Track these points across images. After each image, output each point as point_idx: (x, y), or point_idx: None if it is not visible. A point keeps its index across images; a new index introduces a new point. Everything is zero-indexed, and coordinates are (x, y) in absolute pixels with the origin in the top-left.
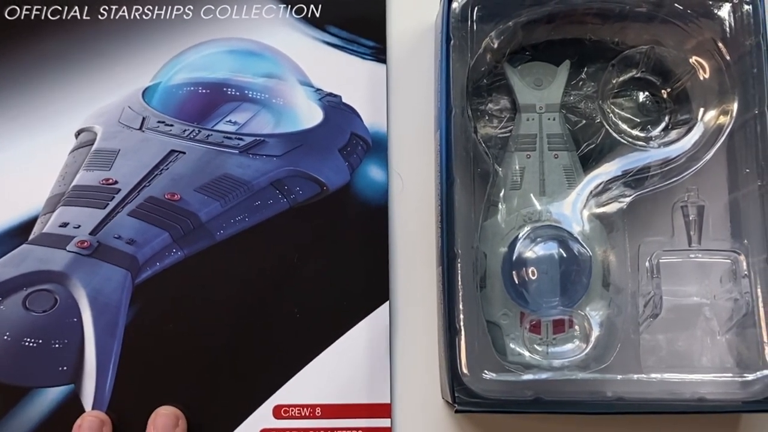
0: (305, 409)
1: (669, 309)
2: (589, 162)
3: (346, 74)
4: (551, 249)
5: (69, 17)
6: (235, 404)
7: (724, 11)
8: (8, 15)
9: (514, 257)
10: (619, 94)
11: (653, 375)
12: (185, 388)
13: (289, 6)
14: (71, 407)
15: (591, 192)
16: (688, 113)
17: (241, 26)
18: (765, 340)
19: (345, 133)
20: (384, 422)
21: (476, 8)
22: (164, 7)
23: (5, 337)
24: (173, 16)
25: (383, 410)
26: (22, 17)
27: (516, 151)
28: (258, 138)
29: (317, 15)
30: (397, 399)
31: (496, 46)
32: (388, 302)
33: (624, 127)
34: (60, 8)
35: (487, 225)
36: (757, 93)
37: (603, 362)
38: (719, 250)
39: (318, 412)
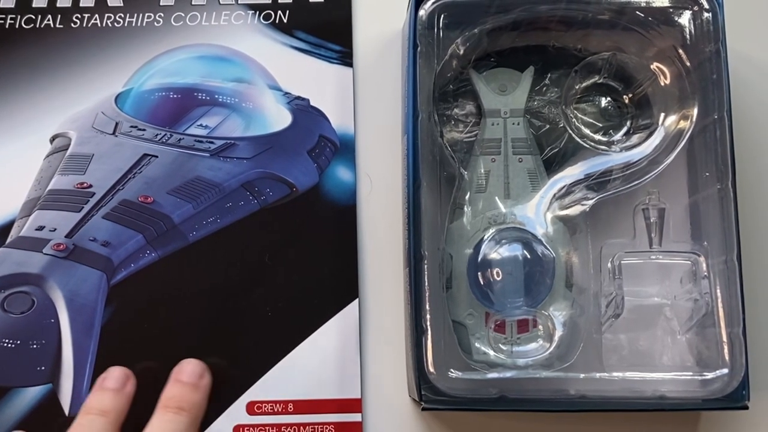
0: (278, 405)
1: (630, 309)
2: (552, 166)
3: (313, 78)
4: (515, 250)
5: (42, 26)
6: (210, 401)
7: (685, 19)
8: None
9: (480, 259)
10: (581, 100)
11: (615, 373)
12: (160, 386)
13: (258, 12)
14: (49, 406)
15: (554, 195)
16: (649, 118)
17: (211, 32)
18: (724, 339)
19: (313, 135)
20: (355, 417)
21: (442, 15)
22: (135, 15)
23: None
24: (144, 24)
25: (354, 405)
26: None
27: (481, 155)
28: (228, 141)
29: (285, 20)
30: (367, 395)
31: (461, 52)
32: (357, 300)
33: (587, 131)
34: (33, 17)
35: (453, 227)
36: (717, 98)
37: (566, 361)
38: (680, 251)
39: (290, 408)
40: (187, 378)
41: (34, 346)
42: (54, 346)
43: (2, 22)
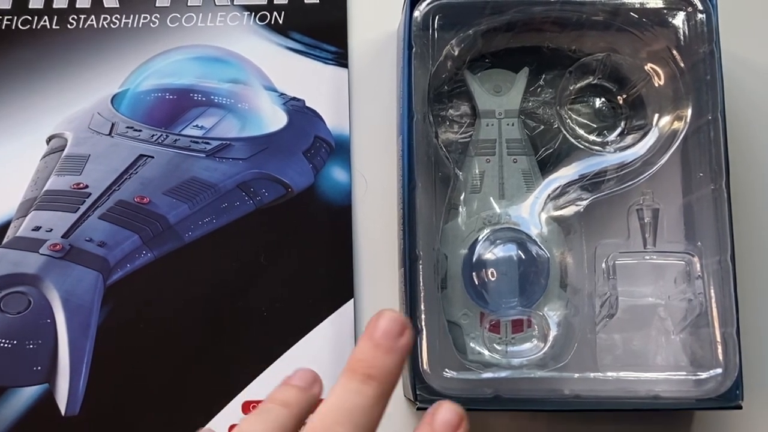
0: None
1: (625, 309)
2: (547, 166)
3: (309, 79)
4: (510, 251)
5: (39, 27)
6: (205, 400)
7: (679, 20)
8: None
9: (474, 259)
10: (576, 101)
11: (609, 373)
12: (156, 386)
13: (253, 13)
14: (46, 406)
15: (549, 195)
16: (643, 119)
17: (207, 33)
18: (718, 339)
19: (309, 136)
20: None
21: (437, 17)
22: (131, 16)
23: None
24: (140, 25)
25: None
26: None
27: (476, 155)
28: (224, 142)
29: (280, 22)
30: None
31: (456, 53)
32: (352, 300)
33: (581, 132)
34: (30, 18)
35: (447, 227)
36: (710, 99)
37: (560, 361)
38: (674, 251)
39: None
40: (381, 336)
41: (31, 346)
42: (50, 346)
43: None
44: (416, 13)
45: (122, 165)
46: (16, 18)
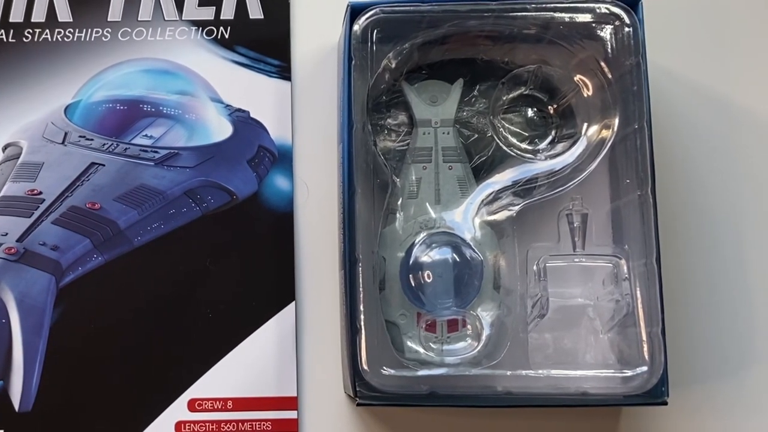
0: (218, 402)
1: (555, 309)
2: (481, 173)
3: (253, 91)
4: (445, 254)
5: None
6: (153, 398)
7: (607, 33)
8: None
9: (411, 261)
10: (508, 110)
11: (540, 371)
12: (106, 384)
13: (200, 28)
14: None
15: (483, 201)
16: (572, 128)
17: (156, 47)
18: (644, 338)
19: (253, 145)
20: (291, 414)
21: (376, 30)
22: (84, 30)
23: None
24: (92, 39)
25: (290, 403)
26: None
27: (413, 163)
28: (172, 151)
29: (226, 36)
30: (303, 393)
31: (394, 65)
32: (294, 302)
33: (513, 140)
34: None
35: (386, 232)
36: (637, 109)
37: (494, 359)
38: (602, 254)
39: (230, 405)
40: None
41: None
42: (5, 346)
43: None
44: (356, 27)
45: (75, 172)
46: None
